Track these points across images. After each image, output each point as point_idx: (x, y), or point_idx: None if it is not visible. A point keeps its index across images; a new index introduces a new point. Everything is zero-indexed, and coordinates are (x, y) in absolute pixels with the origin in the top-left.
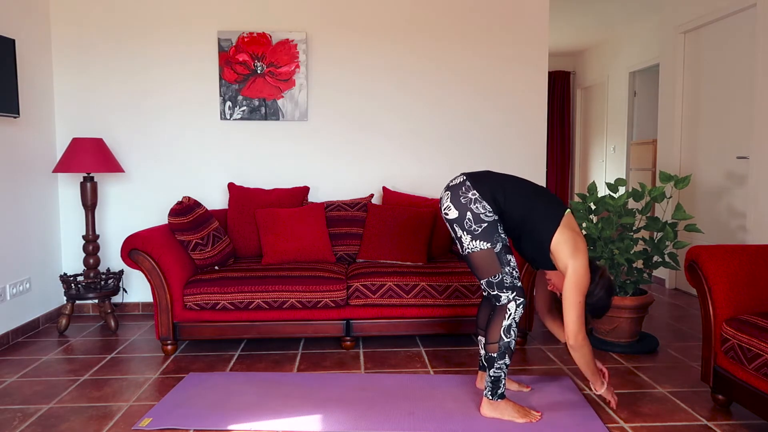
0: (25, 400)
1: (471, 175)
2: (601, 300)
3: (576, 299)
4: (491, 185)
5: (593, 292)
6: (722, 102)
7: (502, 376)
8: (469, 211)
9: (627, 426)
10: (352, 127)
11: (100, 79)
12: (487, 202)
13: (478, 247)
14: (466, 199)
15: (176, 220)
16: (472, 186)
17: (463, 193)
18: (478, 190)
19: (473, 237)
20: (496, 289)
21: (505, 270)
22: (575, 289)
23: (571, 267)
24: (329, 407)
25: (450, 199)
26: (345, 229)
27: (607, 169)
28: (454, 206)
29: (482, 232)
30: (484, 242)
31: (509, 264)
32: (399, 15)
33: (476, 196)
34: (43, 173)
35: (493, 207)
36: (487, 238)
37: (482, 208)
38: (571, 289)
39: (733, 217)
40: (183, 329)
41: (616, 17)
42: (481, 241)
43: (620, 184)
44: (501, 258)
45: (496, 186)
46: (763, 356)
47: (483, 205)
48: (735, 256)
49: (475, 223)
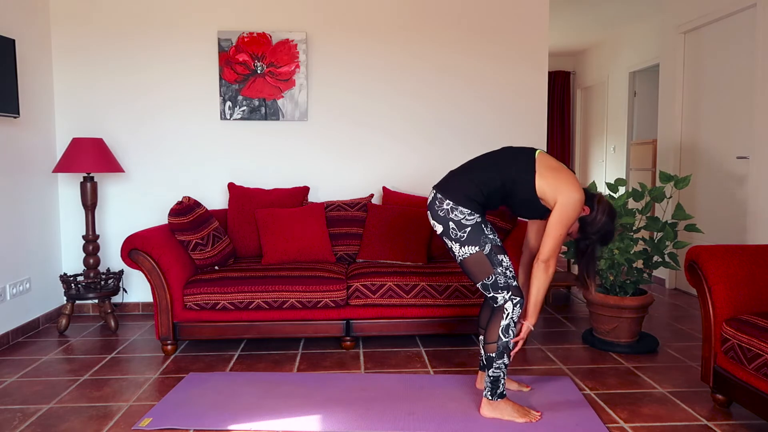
0: (25, 400)
1: (439, 186)
2: (606, 225)
3: (557, 232)
4: (459, 185)
5: (594, 220)
6: (722, 102)
7: (501, 375)
8: (450, 220)
9: (627, 426)
10: (352, 127)
11: (100, 79)
12: (462, 206)
13: (467, 252)
14: (443, 211)
15: (176, 220)
16: (444, 197)
17: (439, 206)
18: (450, 198)
19: (461, 244)
20: (491, 290)
21: (497, 270)
22: (558, 223)
23: (558, 203)
24: (329, 407)
25: (432, 217)
26: (345, 229)
27: (607, 169)
28: (436, 222)
29: (468, 237)
30: (472, 246)
31: (501, 264)
32: (399, 15)
33: (450, 204)
34: (43, 173)
35: (471, 206)
36: (473, 242)
37: (460, 214)
38: (554, 223)
39: (733, 217)
40: (183, 329)
41: (616, 17)
42: (468, 246)
43: (620, 184)
44: (492, 259)
45: (463, 182)
46: (763, 356)
47: (460, 210)
48: (735, 256)
49: (460, 230)
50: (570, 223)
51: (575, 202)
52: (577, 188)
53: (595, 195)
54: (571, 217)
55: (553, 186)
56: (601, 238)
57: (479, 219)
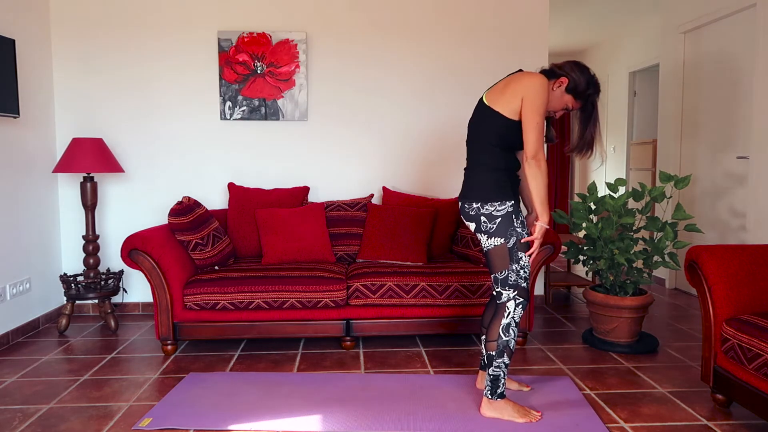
0: (25, 400)
1: (462, 195)
2: (587, 76)
3: (533, 121)
4: (476, 182)
5: (577, 81)
6: (722, 102)
7: (501, 375)
8: (482, 215)
9: (627, 426)
10: (352, 127)
11: (100, 79)
12: (490, 201)
13: (492, 243)
14: (474, 210)
15: (176, 220)
16: (471, 202)
17: (469, 208)
18: (475, 200)
19: (489, 235)
20: (499, 285)
21: (512, 267)
22: (531, 113)
23: (524, 98)
24: (329, 407)
25: (465, 219)
26: (345, 229)
27: (607, 169)
28: (469, 221)
29: (496, 229)
30: (498, 238)
31: (518, 262)
32: (399, 15)
33: (478, 204)
34: (43, 173)
35: (497, 195)
36: (500, 234)
37: (490, 207)
38: (527, 114)
39: (733, 217)
40: (183, 329)
41: (616, 17)
42: (495, 237)
43: (620, 184)
44: (512, 254)
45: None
46: (763, 356)
47: (490, 204)
48: (735, 256)
49: (490, 222)
50: (541, 109)
51: (537, 85)
52: (530, 75)
53: (555, 66)
54: (540, 101)
55: (510, 98)
56: (594, 89)
57: (510, 209)
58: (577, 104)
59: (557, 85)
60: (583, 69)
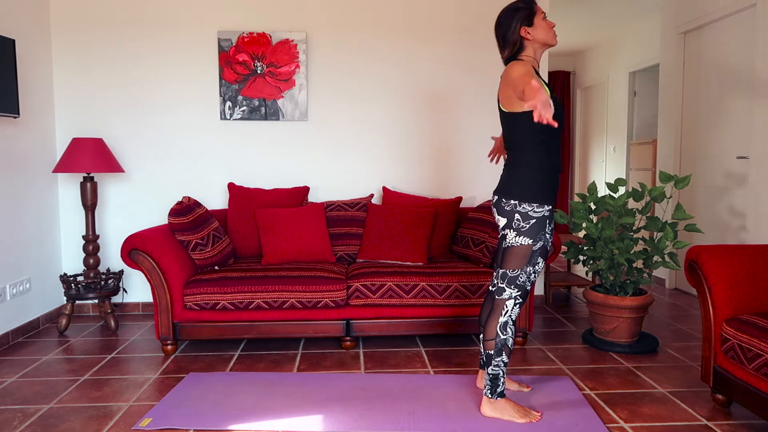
0: (25, 400)
1: (499, 189)
2: (514, 9)
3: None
4: (519, 181)
5: (519, 16)
6: (722, 102)
7: (500, 374)
8: (517, 212)
9: (627, 426)
10: (352, 127)
11: (100, 79)
12: (528, 201)
13: (519, 242)
14: (510, 206)
15: (176, 220)
16: (510, 197)
17: (505, 203)
18: (514, 197)
19: (519, 233)
20: (506, 282)
21: (526, 269)
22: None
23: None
24: (329, 407)
25: (497, 213)
26: (345, 229)
27: (607, 169)
28: (501, 216)
29: (528, 229)
30: (527, 238)
31: (534, 266)
32: (399, 15)
33: (516, 201)
34: (43, 173)
35: (536, 198)
36: (531, 235)
37: (528, 206)
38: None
39: (733, 217)
40: (183, 329)
41: (616, 17)
42: (524, 237)
43: (620, 184)
44: (533, 258)
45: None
46: (763, 356)
47: (528, 204)
48: (735, 256)
49: (524, 221)
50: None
51: (509, 69)
52: (506, 68)
53: (508, 44)
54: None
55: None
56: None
57: (547, 213)
58: (540, 14)
59: (526, 32)
60: (506, 10)
